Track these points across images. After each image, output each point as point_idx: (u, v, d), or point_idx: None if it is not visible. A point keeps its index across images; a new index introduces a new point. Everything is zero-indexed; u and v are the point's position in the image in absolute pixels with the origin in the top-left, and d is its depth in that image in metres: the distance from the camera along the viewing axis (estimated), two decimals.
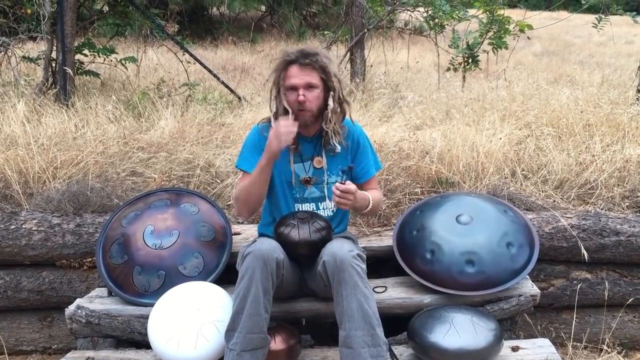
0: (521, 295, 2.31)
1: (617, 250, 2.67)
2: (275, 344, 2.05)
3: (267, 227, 2.32)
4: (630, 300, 2.72)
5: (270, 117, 2.21)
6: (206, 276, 2.36)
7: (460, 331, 2.02)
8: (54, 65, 4.67)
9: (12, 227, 2.68)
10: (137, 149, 3.37)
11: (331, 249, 1.99)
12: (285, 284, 2.08)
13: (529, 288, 2.37)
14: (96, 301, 2.40)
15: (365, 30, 5.54)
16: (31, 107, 3.97)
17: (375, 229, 2.80)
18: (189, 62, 5.59)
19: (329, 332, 2.33)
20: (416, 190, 2.96)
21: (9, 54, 4.83)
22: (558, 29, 11.76)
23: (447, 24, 5.94)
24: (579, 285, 2.69)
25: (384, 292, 2.37)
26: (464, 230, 2.37)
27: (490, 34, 5.51)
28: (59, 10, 4.45)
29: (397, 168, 3.11)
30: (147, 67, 6.38)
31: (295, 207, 2.24)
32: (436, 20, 5.75)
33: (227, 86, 5.26)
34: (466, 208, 2.46)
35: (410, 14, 6.21)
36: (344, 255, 1.94)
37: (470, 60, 5.61)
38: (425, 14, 5.84)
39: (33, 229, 2.69)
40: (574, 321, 2.68)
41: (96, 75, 5.29)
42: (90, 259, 2.68)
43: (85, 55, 5.24)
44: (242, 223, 2.92)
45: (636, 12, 5.11)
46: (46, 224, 2.70)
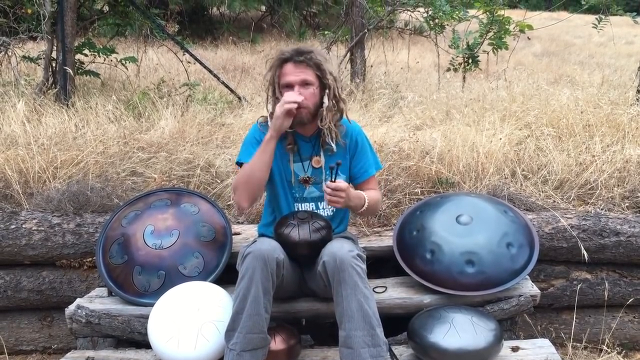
0: (521, 296, 2.31)
1: (617, 250, 2.67)
2: (275, 344, 2.05)
3: (267, 228, 2.32)
4: (630, 301, 2.72)
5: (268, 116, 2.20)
6: (206, 276, 2.36)
7: (460, 331, 2.02)
8: (54, 65, 4.67)
9: (12, 226, 2.69)
10: (137, 149, 3.37)
11: (331, 249, 1.99)
12: (285, 284, 2.08)
13: (529, 288, 2.37)
14: (96, 301, 2.40)
15: (366, 30, 5.54)
16: (31, 107, 3.98)
17: (375, 229, 2.80)
18: (189, 62, 5.59)
19: (329, 332, 2.32)
20: (416, 190, 2.96)
21: (9, 53, 4.83)
22: (558, 30, 11.76)
23: (447, 24, 5.94)
24: (579, 285, 2.69)
25: (384, 292, 2.37)
26: (464, 230, 2.37)
27: (490, 34, 5.51)
28: (59, 10, 4.46)
29: (397, 168, 3.11)
30: (147, 67, 6.38)
31: (295, 206, 2.24)
32: (436, 20, 5.75)
33: (227, 86, 5.26)
34: (466, 208, 2.46)
35: (410, 14, 6.21)
36: (344, 255, 1.94)
37: (470, 61, 5.61)
38: (425, 14, 5.83)
39: (33, 228, 2.69)
40: (574, 321, 2.68)
41: (96, 75, 5.29)
42: (91, 258, 2.68)
43: (86, 55, 5.25)
44: (242, 223, 2.92)
45: (636, 13, 5.10)
46: (46, 224, 2.71)
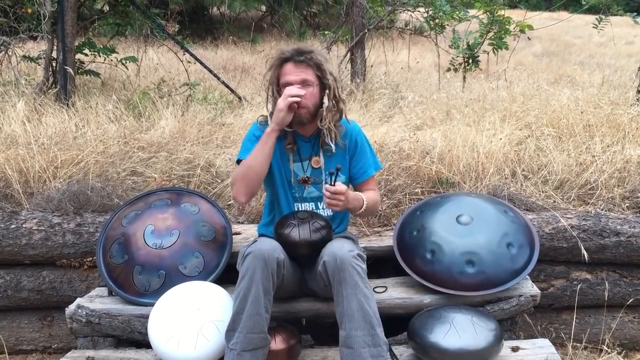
0: (521, 296, 2.31)
1: (617, 250, 2.68)
2: (276, 343, 2.05)
3: (267, 227, 2.32)
4: (630, 301, 2.72)
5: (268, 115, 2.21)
6: (206, 276, 2.36)
7: (461, 331, 2.02)
8: (54, 64, 4.67)
9: (13, 226, 2.69)
10: (137, 149, 3.37)
11: (331, 249, 1.99)
12: (285, 284, 2.08)
13: (529, 288, 2.37)
14: (96, 301, 2.40)
15: (366, 30, 5.54)
16: (32, 107, 3.98)
17: (375, 229, 2.80)
18: (189, 61, 5.59)
19: (329, 332, 2.32)
20: (416, 190, 2.96)
21: (9, 53, 4.83)
22: (558, 30, 11.76)
23: (447, 24, 5.94)
24: (579, 285, 2.69)
25: (384, 292, 2.37)
26: (464, 230, 2.37)
27: (490, 34, 5.51)
28: (59, 10, 4.46)
29: (397, 168, 3.11)
30: (147, 67, 6.38)
31: (295, 206, 2.24)
32: (436, 20, 5.75)
33: (227, 86, 5.26)
34: (466, 208, 2.46)
35: (410, 14, 6.21)
36: (344, 255, 1.94)
37: (470, 61, 5.61)
38: (425, 14, 5.84)
39: (33, 228, 2.69)
40: (574, 321, 2.68)
41: (97, 74, 5.30)
42: (91, 258, 2.68)
43: (86, 54, 5.25)
44: (242, 223, 2.92)
45: (636, 13, 5.09)
46: (46, 224, 2.71)
